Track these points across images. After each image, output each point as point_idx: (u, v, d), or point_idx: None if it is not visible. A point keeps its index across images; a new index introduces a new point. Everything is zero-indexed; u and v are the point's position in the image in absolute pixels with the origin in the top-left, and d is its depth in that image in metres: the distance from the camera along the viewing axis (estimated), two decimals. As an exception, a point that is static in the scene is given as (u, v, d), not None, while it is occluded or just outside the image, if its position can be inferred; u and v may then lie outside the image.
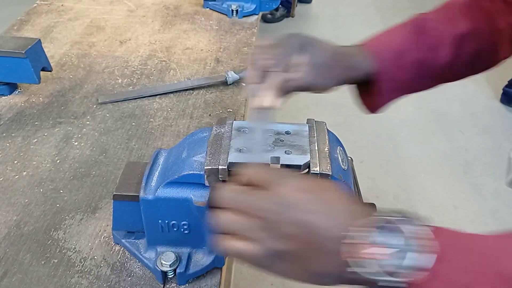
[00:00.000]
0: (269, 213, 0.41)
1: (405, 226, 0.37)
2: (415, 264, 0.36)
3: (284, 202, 0.41)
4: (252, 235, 0.42)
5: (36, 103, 0.97)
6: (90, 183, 0.78)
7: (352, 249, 0.38)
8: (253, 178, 0.44)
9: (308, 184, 0.43)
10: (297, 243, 0.40)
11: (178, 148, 0.60)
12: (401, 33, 0.70)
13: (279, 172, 0.45)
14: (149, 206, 0.57)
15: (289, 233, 0.40)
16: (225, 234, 0.43)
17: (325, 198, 0.42)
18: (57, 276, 0.63)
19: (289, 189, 0.42)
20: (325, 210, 0.41)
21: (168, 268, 0.59)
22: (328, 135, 0.58)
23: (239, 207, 0.43)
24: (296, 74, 0.59)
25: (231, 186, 0.45)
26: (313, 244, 0.40)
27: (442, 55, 0.69)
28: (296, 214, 0.40)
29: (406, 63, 0.68)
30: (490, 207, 2.04)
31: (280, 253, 0.41)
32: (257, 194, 0.42)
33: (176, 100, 1.00)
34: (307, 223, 0.40)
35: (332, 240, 0.39)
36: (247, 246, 0.42)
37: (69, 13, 1.34)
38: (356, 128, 2.46)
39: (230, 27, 1.31)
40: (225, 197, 0.44)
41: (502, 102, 2.68)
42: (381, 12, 3.67)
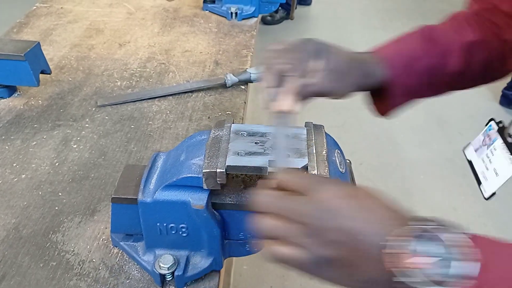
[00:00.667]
0: (312, 219, 0.40)
1: (443, 234, 0.37)
2: (461, 272, 0.36)
3: (326, 208, 0.40)
4: (297, 240, 0.41)
5: (35, 106, 0.97)
6: (89, 186, 0.78)
7: (393, 259, 0.37)
8: (289, 183, 0.44)
9: (347, 190, 0.43)
10: (343, 249, 0.40)
11: (177, 151, 0.60)
12: (412, 41, 0.71)
13: (315, 178, 0.44)
14: (148, 209, 0.57)
15: (333, 240, 0.40)
16: (270, 240, 0.43)
17: (364, 204, 0.41)
18: (55, 279, 0.63)
19: (329, 195, 0.41)
20: (365, 216, 0.40)
21: (166, 271, 0.59)
22: (326, 138, 0.58)
23: (282, 212, 0.42)
24: (313, 80, 0.59)
25: (270, 191, 0.44)
26: (357, 251, 0.39)
27: (452, 63, 0.69)
28: (339, 221, 0.40)
29: (417, 69, 0.68)
30: (490, 209, 2.04)
31: (327, 260, 0.41)
32: (297, 200, 0.42)
33: (175, 102, 1.00)
34: (349, 230, 0.39)
35: (374, 248, 0.39)
36: (293, 252, 0.41)
37: (69, 15, 1.34)
38: (355, 130, 2.46)
39: (229, 29, 1.31)
40: (265, 202, 0.43)
41: (501, 104, 2.69)
42: (381, 14, 3.67)
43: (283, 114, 0.56)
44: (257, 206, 0.43)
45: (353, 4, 3.87)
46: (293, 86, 0.57)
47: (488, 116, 2.42)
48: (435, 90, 0.73)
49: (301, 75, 0.58)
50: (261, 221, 0.43)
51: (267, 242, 0.43)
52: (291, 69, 0.58)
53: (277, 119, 0.56)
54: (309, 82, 0.59)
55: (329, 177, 0.52)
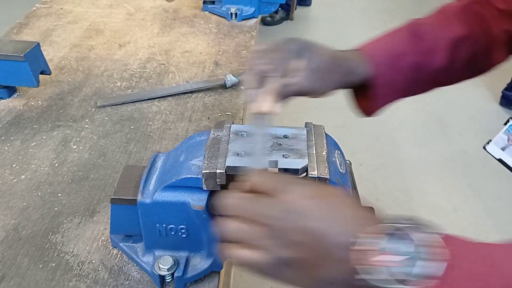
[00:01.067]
0: (275, 220, 0.40)
1: (415, 233, 0.37)
2: (425, 272, 0.36)
3: (291, 209, 0.40)
4: (259, 243, 0.41)
5: (34, 107, 0.97)
6: (89, 187, 0.78)
7: (361, 256, 0.37)
8: (258, 184, 0.43)
9: (315, 190, 0.42)
10: (305, 250, 0.40)
11: (176, 151, 0.60)
12: (397, 38, 0.70)
13: (284, 179, 0.44)
14: (147, 210, 0.57)
15: (296, 241, 0.40)
16: (231, 242, 0.43)
17: (332, 204, 0.41)
18: (54, 280, 0.63)
19: (295, 196, 0.41)
20: (332, 216, 0.40)
21: (166, 272, 0.59)
22: (326, 139, 0.58)
23: (245, 215, 0.42)
24: (294, 79, 0.59)
25: (236, 193, 0.44)
26: (320, 251, 0.39)
27: (438, 59, 0.69)
28: (304, 222, 0.40)
29: (402, 66, 0.68)
30: (490, 210, 2.04)
31: (287, 261, 0.40)
32: (263, 202, 0.42)
33: (174, 103, 1.00)
34: (314, 231, 0.39)
35: (340, 247, 0.38)
36: (254, 254, 0.41)
37: (68, 16, 1.34)
38: (355, 131, 2.46)
39: (229, 30, 1.31)
40: (230, 205, 0.43)
41: (501, 105, 2.69)
42: (380, 15, 3.67)
43: (262, 115, 0.56)
44: (222, 208, 0.43)
45: (352, 4, 3.87)
46: (274, 87, 0.57)
47: (488, 117, 2.43)
48: (420, 87, 0.73)
49: (282, 75, 0.58)
50: (225, 224, 0.43)
51: (229, 245, 0.43)
52: (272, 69, 0.58)
53: (256, 119, 0.56)
54: (289, 81, 0.59)
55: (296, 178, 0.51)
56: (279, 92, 0.57)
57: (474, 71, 0.75)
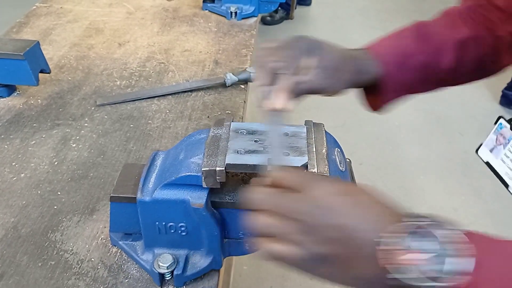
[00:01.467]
0: (307, 216, 0.40)
1: (437, 230, 0.37)
2: (456, 268, 0.36)
3: (321, 206, 0.40)
4: (292, 238, 0.41)
5: (34, 105, 0.97)
6: (88, 185, 0.78)
7: (387, 255, 0.37)
8: (283, 180, 0.43)
9: (341, 187, 0.42)
10: (338, 246, 0.40)
11: (176, 149, 0.60)
12: (405, 37, 0.71)
13: (311, 175, 0.44)
14: (146, 208, 0.57)
15: (329, 237, 0.40)
16: (265, 237, 0.43)
17: (359, 201, 0.41)
18: (54, 278, 0.63)
19: (323, 192, 0.41)
20: (359, 213, 0.40)
21: (165, 270, 0.59)
22: (326, 137, 0.58)
23: (277, 210, 0.42)
24: (306, 77, 0.59)
25: (265, 189, 0.44)
26: (351, 248, 0.39)
27: (445, 59, 0.69)
28: (334, 218, 0.40)
29: (410, 66, 0.68)
30: (490, 209, 2.04)
31: (322, 257, 0.40)
32: (293, 197, 0.42)
33: (174, 102, 1.00)
34: (344, 227, 0.39)
35: (368, 245, 0.38)
36: (288, 249, 0.41)
37: (68, 15, 1.34)
38: (356, 131, 2.46)
39: (229, 29, 1.31)
40: (260, 199, 0.43)
41: (501, 104, 2.69)
42: (380, 15, 3.67)
43: (276, 112, 0.56)
44: (251, 203, 0.43)
45: (352, 4, 3.87)
46: (286, 84, 0.57)
47: (488, 116, 2.43)
48: (428, 86, 0.73)
49: (294, 72, 0.58)
50: (256, 219, 0.43)
51: (262, 239, 0.43)
52: (284, 67, 0.58)
53: (270, 117, 0.56)
54: (302, 79, 0.59)
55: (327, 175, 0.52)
56: (292, 89, 0.57)
57: (482, 72, 0.75)
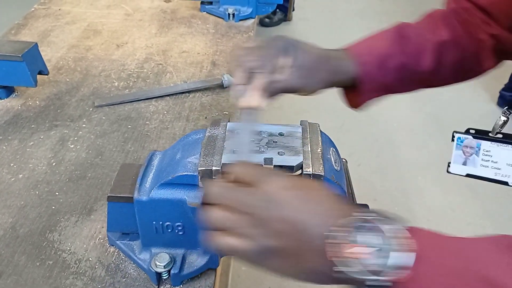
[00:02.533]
0: (257, 209, 0.42)
1: (383, 225, 0.38)
2: (397, 263, 0.36)
3: (271, 199, 0.42)
4: (243, 231, 0.42)
5: (32, 106, 0.98)
6: (86, 186, 0.78)
7: (335, 249, 0.38)
8: (240, 175, 0.45)
9: (294, 182, 0.44)
10: (286, 240, 0.41)
11: (173, 149, 0.61)
12: (384, 38, 0.72)
13: (265, 170, 0.45)
14: (143, 207, 0.57)
15: (278, 230, 0.41)
16: (217, 231, 0.44)
17: (310, 196, 0.42)
18: (52, 278, 0.63)
19: (275, 186, 0.42)
20: (310, 208, 0.41)
21: (162, 269, 0.59)
22: (321, 136, 0.59)
23: (228, 203, 0.43)
24: (281, 76, 0.61)
25: (220, 183, 0.45)
26: (300, 242, 0.40)
27: (424, 61, 0.71)
28: (283, 211, 0.41)
29: (389, 67, 0.70)
30: (488, 210, 2.05)
31: (271, 249, 0.42)
32: (244, 191, 0.43)
33: (172, 103, 1.01)
34: (293, 220, 0.41)
35: (317, 239, 0.40)
36: (238, 242, 0.42)
37: (67, 17, 1.35)
38: (354, 132, 2.47)
39: (226, 30, 1.31)
40: (214, 193, 0.44)
41: (498, 105, 2.69)
42: (378, 16, 3.68)
43: (250, 110, 0.58)
44: (206, 197, 0.45)
45: (351, 6, 3.88)
46: (261, 83, 0.59)
47: (486, 117, 2.44)
48: (407, 86, 0.75)
49: (269, 71, 0.60)
50: (209, 212, 0.44)
51: (214, 233, 0.44)
52: (259, 66, 0.60)
53: (244, 115, 0.58)
54: (277, 78, 0.60)
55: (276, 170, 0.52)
56: (266, 88, 0.59)
57: (463, 75, 0.76)
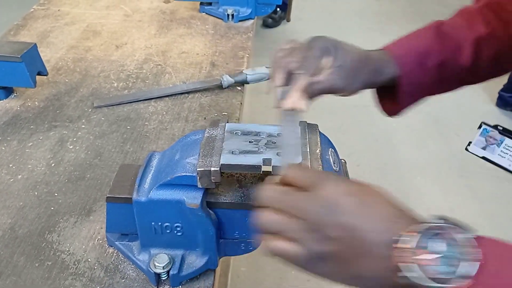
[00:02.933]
0: (313, 214, 0.41)
1: (456, 234, 0.37)
2: (465, 272, 0.36)
3: (329, 205, 0.41)
4: (295, 235, 0.41)
5: (31, 107, 0.98)
6: (85, 186, 0.78)
7: (403, 254, 0.37)
8: (294, 179, 0.44)
9: (352, 187, 0.42)
10: (342, 246, 0.40)
11: (171, 150, 0.61)
12: (423, 37, 0.71)
13: (321, 174, 0.44)
14: (142, 208, 0.57)
15: (333, 236, 0.40)
16: (269, 234, 0.43)
17: (370, 201, 0.41)
18: (51, 279, 0.63)
19: (333, 191, 0.41)
20: (372, 214, 0.40)
21: (161, 270, 0.59)
22: (320, 137, 0.59)
23: (283, 207, 0.42)
24: (321, 77, 0.60)
25: (274, 186, 0.44)
26: (358, 248, 0.39)
27: (463, 58, 0.70)
28: (342, 217, 0.40)
29: (428, 66, 0.69)
30: (487, 210, 2.05)
31: (323, 255, 0.41)
32: (300, 195, 0.42)
33: (171, 103, 1.01)
34: (353, 227, 0.39)
35: (381, 245, 0.39)
36: (290, 247, 0.42)
37: (66, 18, 1.35)
38: (352, 132, 2.47)
39: (226, 31, 1.31)
40: (268, 196, 0.43)
41: (497, 106, 2.70)
42: (378, 17, 3.69)
43: (291, 112, 0.57)
44: (259, 200, 0.44)
45: (350, 6, 3.88)
46: (301, 84, 0.58)
47: (485, 118, 2.44)
48: (446, 85, 0.74)
49: (309, 73, 0.59)
50: (261, 215, 0.43)
51: (265, 236, 0.43)
52: (299, 67, 0.59)
53: (285, 116, 0.58)
54: (317, 79, 0.60)
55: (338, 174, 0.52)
56: (307, 89, 0.58)
57: (499, 70, 0.76)
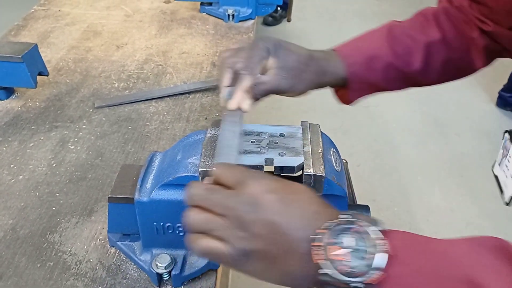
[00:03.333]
0: (236, 211, 0.41)
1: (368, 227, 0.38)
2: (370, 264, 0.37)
3: (252, 202, 0.41)
4: (222, 233, 0.41)
5: (32, 108, 0.98)
6: (86, 187, 0.79)
7: (321, 251, 0.38)
8: (221, 177, 0.44)
9: (276, 184, 0.43)
10: (266, 243, 0.40)
11: (173, 150, 0.61)
12: (374, 39, 0.72)
13: (246, 172, 0.44)
14: (144, 208, 0.57)
15: (257, 233, 0.40)
16: (196, 233, 0.43)
17: (293, 199, 0.42)
18: (52, 279, 0.63)
19: (256, 188, 0.42)
20: (293, 211, 0.41)
21: (163, 270, 0.59)
22: (321, 137, 0.59)
23: (208, 205, 0.43)
24: (265, 77, 0.61)
25: (201, 184, 0.45)
26: (281, 245, 0.40)
27: (413, 61, 0.71)
28: (264, 214, 0.40)
29: (377, 67, 0.70)
30: (487, 210, 2.05)
31: (250, 253, 0.41)
32: (224, 193, 0.43)
33: (172, 103, 1.01)
34: (275, 224, 0.40)
35: (301, 242, 0.39)
36: (217, 245, 0.42)
37: (66, 18, 1.35)
38: (353, 132, 2.47)
39: (226, 31, 1.32)
40: (194, 195, 0.44)
41: (497, 106, 2.70)
42: (378, 17, 3.69)
43: (235, 112, 0.58)
44: (186, 199, 0.44)
45: (350, 7, 3.89)
46: (245, 85, 0.58)
47: (485, 118, 2.44)
48: (396, 85, 0.75)
49: (254, 73, 0.60)
50: (188, 214, 0.43)
51: (193, 235, 0.44)
52: (244, 68, 0.59)
53: (228, 116, 0.58)
54: (261, 80, 0.60)
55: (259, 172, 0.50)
56: (252, 90, 0.59)
57: (452, 74, 0.77)
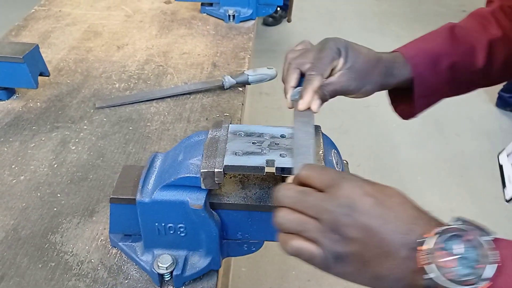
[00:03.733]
0: (332, 215, 0.40)
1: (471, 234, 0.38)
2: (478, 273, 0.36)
3: (348, 205, 0.40)
4: (314, 236, 0.41)
5: (33, 108, 0.98)
6: (87, 187, 0.79)
7: (425, 256, 0.37)
8: (311, 179, 0.44)
9: (371, 187, 0.42)
10: (360, 247, 0.40)
11: (175, 151, 0.61)
12: (436, 39, 0.71)
13: (338, 174, 0.44)
14: (146, 209, 0.57)
15: (352, 237, 0.40)
16: (288, 233, 0.43)
17: (388, 202, 0.41)
18: (54, 280, 0.63)
19: (350, 191, 0.41)
20: (391, 215, 0.40)
21: (164, 270, 0.59)
22: (322, 138, 0.59)
23: (301, 207, 0.42)
24: (333, 78, 0.61)
25: (292, 186, 0.44)
26: (377, 249, 0.39)
27: (477, 60, 0.70)
28: (361, 218, 0.40)
29: (442, 68, 0.69)
30: (487, 210, 2.05)
31: (341, 256, 0.41)
32: (318, 195, 0.42)
33: (173, 104, 1.01)
34: (372, 228, 0.39)
35: (402, 246, 0.39)
36: (308, 247, 0.42)
37: (67, 18, 1.35)
38: (353, 132, 2.47)
39: (227, 32, 1.32)
40: (286, 196, 0.43)
41: (497, 106, 2.70)
42: (377, 17, 3.69)
43: (304, 112, 0.58)
44: (277, 200, 0.44)
45: (350, 7, 3.89)
46: (314, 85, 0.59)
47: (485, 118, 2.44)
48: (459, 88, 0.74)
49: (322, 74, 0.60)
50: (279, 214, 0.43)
51: (283, 235, 0.43)
52: (312, 68, 0.60)
53: (297, 117, 0.58)
54: (329, 81, 0.60)
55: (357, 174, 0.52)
56: (320, 91, 0.59)
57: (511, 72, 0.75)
